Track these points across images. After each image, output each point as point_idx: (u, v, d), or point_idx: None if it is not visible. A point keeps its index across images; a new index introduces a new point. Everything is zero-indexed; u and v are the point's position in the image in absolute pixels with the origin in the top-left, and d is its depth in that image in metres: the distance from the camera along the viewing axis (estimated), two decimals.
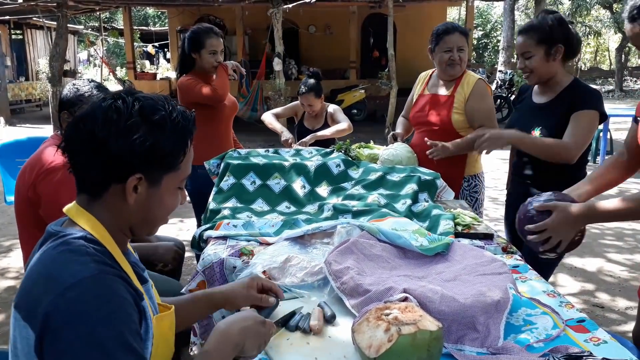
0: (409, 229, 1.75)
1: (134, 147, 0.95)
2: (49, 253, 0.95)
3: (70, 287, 0.87)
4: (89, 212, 1.01)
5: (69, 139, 1.00)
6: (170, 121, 0.99)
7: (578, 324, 1.36)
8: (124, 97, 0.98)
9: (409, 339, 1.09)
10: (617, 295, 3.45)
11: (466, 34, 2.69)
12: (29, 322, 0.89)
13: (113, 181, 0.98)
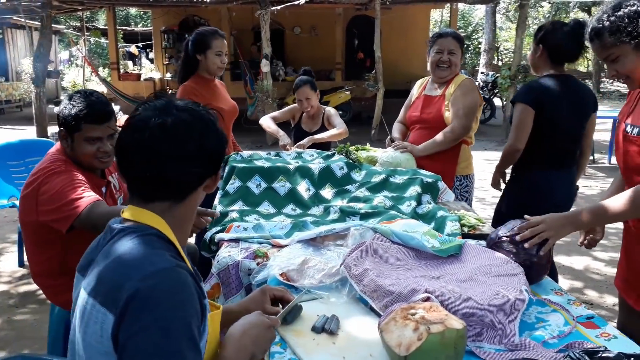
0: (419, 230, 1.80)
1: (223, 144, 1.15)
2: (125, 245, 1.01)
3: (151, 275, 0.94)
4: (149, 210, 1.07)
5: (153, 152, 1.04)
6: (219, 132, 1.15)
7: (588, 321, 1.43)
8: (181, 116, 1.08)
9: (438, 337, 1.13)
10: (604, 292, 3.57)
11: (459, 39, 2.81)
12: (108, 306, 0.94)
13: (207, 178, 1.13)
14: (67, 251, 1.94)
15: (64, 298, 2.03)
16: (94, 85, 15.08)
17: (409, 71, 13.89)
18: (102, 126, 1.90)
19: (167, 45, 14.89)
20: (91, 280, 1.00)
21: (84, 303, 1.00)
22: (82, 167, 1.96)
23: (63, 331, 2.16)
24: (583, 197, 6.05)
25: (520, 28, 9.94)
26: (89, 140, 1.89)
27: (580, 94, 2.56)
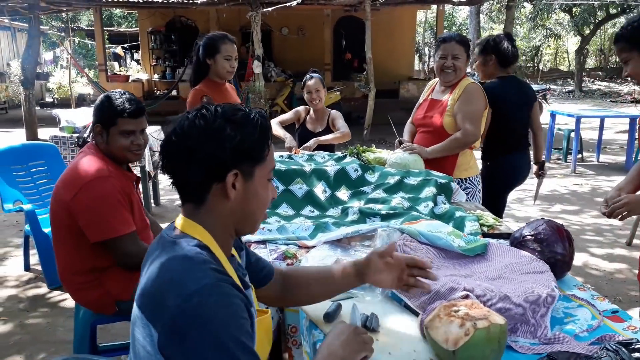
0: (443, 230, 1.86)
1: (225, 145, 1.04)
2: (169, 260, 1.03)
3: (194, 293, 0.95)
4: (196, 222, 1.09)
5: (166, 156, 1.08)
6: (250, 119, 1.09)
7: (613, 315, 1.51)
8: (206, 107, 1.09)
9: (484, 332, 1.20)
10: (604, 287, 3.68)
11: (464, 43, 2.84)
12: (153, 323, 0.97)
13: (214, 182, 1.07)
14: (96, 252, 2.02)
15: (88, 296, 2.09)
16: (80, 87, 14.91)
17: (396, 72, 14.03)
18: (136, 120, 2.06)
19: (154, 46, 14.80)
20: (139, 291, 1.04)
21: (135, 312, 1.03)
22: (115, 161, 2.09)
23: (89, 333, 2.19)
24: (575, 195, 6.21)
25: (507, 29, 10.11)
26: (124, 133, 2.04)
27: (523, 89, 3.22)
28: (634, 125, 7.62)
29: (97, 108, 2.07)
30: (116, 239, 1.97)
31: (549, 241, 1.67)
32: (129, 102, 2.05)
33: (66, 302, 3.39)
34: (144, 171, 5.00)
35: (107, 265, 2.06)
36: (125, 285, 2.08)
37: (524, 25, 25.25)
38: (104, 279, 2.06)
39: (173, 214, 5.43)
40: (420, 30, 22.34)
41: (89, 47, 20.83)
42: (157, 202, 5.73)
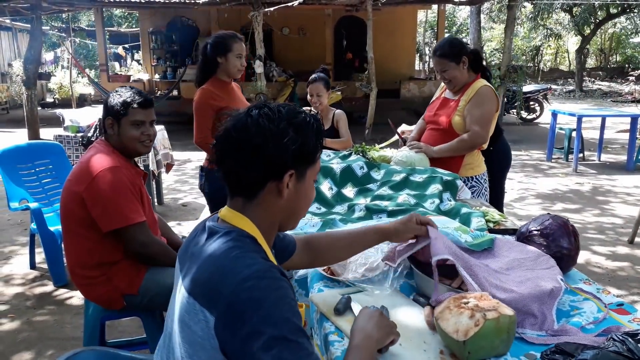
0: (450, 226, 1.88)
1: (287, 147, 1.09)
2: (221, 249, 1.06)
3: (247, 278, 0.99)
4: (244, 215, 1.14)
5: (224, 150, 1.12)
6: (307, 122, 1.14)
7: (618, 308, 1.53)
8: (268, 106, 1.13)
9: (494, 323, 1.22)
10: (607, 284, 3.70)
11: (445, 55, 2.81)
12: (208, 308, 1.00)
13: (270, 179, 1.12)
14: (105, 246, 2.07)
15: (97, 291, 2.12)
16: (81, 87, 14.94)
17: (397, 71, 14.06)
18: (146, 111, 2.15)
19: (155, 46, 14.84)
20: (190, 279, 1.07)
21: (184, 299, 1.06)
22: (125, 155, 2.16)
23: (99, 330, 2.21)
24: (577, 194, 6.23)
25: (509, 29, 10.13)
26: (135, 124, 2.13)
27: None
28: (635, 124, 7.66)
29: (107, 102, 2.15)
30: (129, 228, 2.02)
31: (555, 236, 1.69)
32: (139, 93, 2.16)
33: (73, 299, 3.42)
34: (148, 170, 5.02)
35: (116, 260, 2.09)
36: (132, 280, 2.11)
37: (525, 25, 25.27)
38: (112, 274, 2.09)
39: (177, 213, 5.46)
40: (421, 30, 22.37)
41: (90, 47, 20.88)
42: (160, 201, 5.75)
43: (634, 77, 22.26)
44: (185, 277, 1.10)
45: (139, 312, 2.22)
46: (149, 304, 2.15)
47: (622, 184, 6.75)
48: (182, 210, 5.56)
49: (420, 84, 13.31)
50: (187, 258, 1.15)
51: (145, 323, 2.24)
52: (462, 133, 2.83)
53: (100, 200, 2.00)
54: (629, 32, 23.77)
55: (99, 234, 2.04)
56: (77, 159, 4.89)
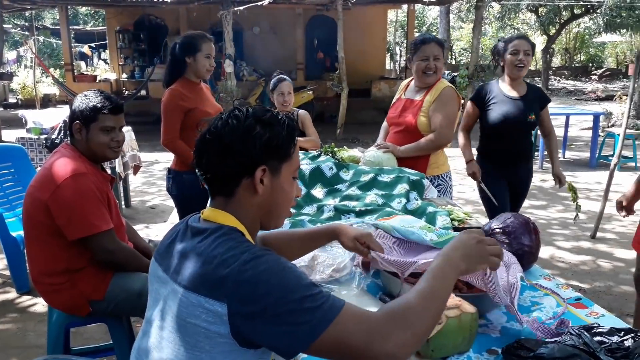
0: (416, 225, 1.91)
1: (255, 142, 1.13)
2: (214, 243, 1.09)
3: (247, 260, 1.03)
4: (227, 212, 1.17)
5: (201, 152, 1.17)
6: (277, 119, 1.18)
7: (577, 302, 1.58)
8: (238, 107, 1.20)
9: (456, 321, 1.25)
10: (570, 279, 3.82)
11: (442, 45, 2.90)
12: (216, 297, 1.02)
13: (243, 176, 1.15)
14: (70, 252, 2.02)
15: (61, 298, 2.08)
16: (45, 87, 14.55)
17: (368, 71, 14.13)
18: (117, 117, 2.10)
19: (123, 45, 14.55)
20: (187, 276, 1.07)
21: (181, 297, 1.07)
22: (92, 160, 2.11)
23: (63, 336, 2.17)
24: (541, 191, 6.39)
25: (477, 28, 10.31)
26: (105, 129, 2.07)
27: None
28: (597, 122, 7.89)
29: (76, 105, 2.07)
30: (96, 236, 1.98)
31: (517, 234, 1.74)
32: (109, 99, 2.10)
33: (36, 306, 3.33)
34: (115, 172, 4.93)
35: (81, 266, 2.05)
36: (98, 285, 2.07)
37: (493, 25, 25.73)
38: (77, 280, 2.05)
39: (145, 216, 5.38)
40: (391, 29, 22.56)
41: (54, 46, 20.35)
42: (127, 204, 5.66)
43: (597, 76, 22.93)
44: (175, 276, 1.11)
45: (105, 318, 2.18)
46: (115, 309, 2.12)
47: (585, 180, 6.95)
48: (151, 213, 5.48)
49: (391, 84, 13.41)
50: (170, 258, 1.16)
51: (112, 329, 2.20)
52: (427, 133, 2.87)
53: (65, 208, 1.95)
54: (592, 32, 24.43)
55: (64, 241, 1.99)
56: (41, 162, 4.77)
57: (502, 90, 3.18)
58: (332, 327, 0.98)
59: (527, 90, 3.18)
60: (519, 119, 3.11)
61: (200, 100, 3.00)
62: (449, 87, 2.91)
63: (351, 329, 0.99)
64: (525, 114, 3.12)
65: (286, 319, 0.98)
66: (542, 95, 3.29)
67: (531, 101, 3.15)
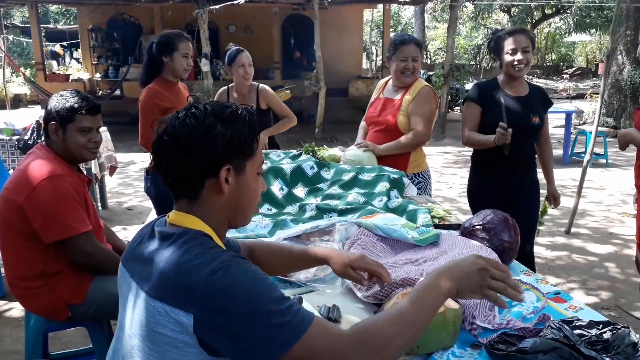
0: (398, 223, 1.93)
1: (216, 141, 1.08)
2: (180, 249, 1.05)
3: (215, 269, 0.99)
4: (192, 214, 1.12)
5: (158, 154, 1.11)
6: (238, 115, 1.13)
7: (556, 296, 1.62)
8: (195, 105, 1.13)
9: (440, 317, 1.26)
10: (547, 273, 3.90)
11: (420, 46, 2.95)
12: (183, 307, 0.98)
13: (207, 177, 1.10)
14: (47, 255, 1.98)
15: (39, 302, 2.04)
16: (15, 87, 14.21)
17: (344, 70, 14.16)
18: (94, 117, 2.06)
19: (96, 44, 14.28)
20: (151, 284, 1.04)
21: (147, 305, 1.03)
22: (68, 161, 2.07)
23: (41, 342, 2.12)
24: None
25: (451, 28, 10.44)
26: (82, 130, 2.03)
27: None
28: (569, 120, 8.06)
29: (51, 106, 2.03)
30: (73, 238, 1.94)
31: (496, 230, 1.77)
32: (86, 99, 2.06)
33: (12, 311, 3.25)
34: (91, 173, 4.84)
35: (59, 270, 2.00)
36: (77, 289, 2.04)
37: (467, 25, 26.08)
38: (55, 284, 2.01)
39: (122, 217, 5.30)
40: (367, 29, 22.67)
41: (24, 45, 19.87)
42: (104, 205, 5.57)
43: (568, 75, 23.43)
44: (141, 283, 1.07)
45: (85, 322, 2.14)
46: (95, 313, 2.08)
47: (559, 177, 7.06)
48: (128, 214, 5.40)
49: (367, 83, 13.47)
50: (136, 263, 1.12)
51: (92, 333, 2.16)
52: (406, 132, 2.91)
53: (41, 211, 1.91)
54: (562, 32, 25.00)
55: (40, 244, 1.95)
56: (14, 164, 4.66)
57: (503, 89, 2.76)
58: (298, 345, 0.96)
59: (529, 90, 2.80)
60: (522, 121, 2.68)
61: (178, 100, 2.97)
62: (427, 86, 2.95)
63: (318, 348, 0.97)
64: (528, 116, 2.72)
65: (252, 334, 0.96)
66: (545, 96, 2.88)
67: (534, 102, 2.78)
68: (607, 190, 6.49)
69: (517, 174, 2.80)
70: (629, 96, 10.57)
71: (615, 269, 4.04)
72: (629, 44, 10.46)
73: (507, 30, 2.73)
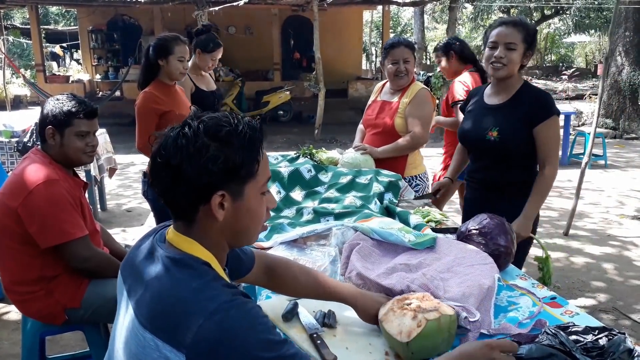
0: (394, 227, 1.93)
1: (208, 166, 0.98)
2: (177, 278, 1.00)
3: (215, 311, 0.94)
4: (191, 238, 1.06)
5: (153, 173, 1.04)
6: (237, 134, 1.01)
7: (552, 301, 1.62)
8: (189, 122, 1.02)
9: (435, 323, 1.26)
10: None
11: (412, 47, 2.95)
12: (175, 346, 0.94)
13: (199, 204, 1.02)
14: (44, 260, 1.98)
15: (36, 307, 2.04)
16: (16, 88, 14.21)
17: (344, 71, 14.19)
18: (91, 121, 2.07)
19: (96, 45, 14.30)
20: (143, 308, 1.00)
21: (135, 329, 0.99)
22: (65, 165, 2.07)
23: (38, 346, 2.12)
24: None
25: (450, 29, 10.45)
26: (79, 134, 2.04)
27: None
28: (568, 121, 8.07)
29: (48, 110, 2.02)
30: (70, 243, 1.94)
31: (493, 234, 1.77)
32: (84, 103, 2.06)
33: (10, 314, 3.25)
34: (90, 176, 4.84)
35: (56, 274, 2.01)
36: (74, 293, 2.04)
37: (466, 26, 26.09)
38: (52, 288, 2.01)
39: (121, 219, 5.30)
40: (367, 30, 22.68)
41: (25, 46, 19.88)
42: (103, 207, 5.57)
43: (567, 76, 23.44)
44: (133, 299, 1.03)
45: (82, 325, 2.14)
46: (92, 317, 2.08)
47: (558, 178, 7.07)
48: (127, 216, 5.40)
49: (367, 84, 13.48)
50: (133, 275, 1.08)
51: (89, 337, 2.16)
52: (404, 134, 2.91)
53: (37, 216, 1.90)
54: (562, 33, 25.03)
55: (37, 249, 1.95)
56: (13, 166, 4.66)
57: (485, 94, 2.38)
58: None
59: (514, 95, 2.24)
60: (477, 135, 2.31)
61: (175, 103, 2.97)
62: (424, 88, 2.97)
63: None
64: (484, 130, 2.26)
65: None
66: (539, 104, 2.19)
67: (509, 113, 2.23)
68: (605, 192, 6.49)
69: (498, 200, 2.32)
70: (628, 97, 10.57)
71: (614, 271, 4.04)
72: (628, 45, 10.46)
73: (499, 21, 2.28)
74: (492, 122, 2.26)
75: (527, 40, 2.17)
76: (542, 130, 2.19)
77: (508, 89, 2.27)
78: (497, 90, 2.32)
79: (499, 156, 2.28)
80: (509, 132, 2.22)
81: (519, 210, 2.24)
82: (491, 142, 2.24)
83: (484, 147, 2.30)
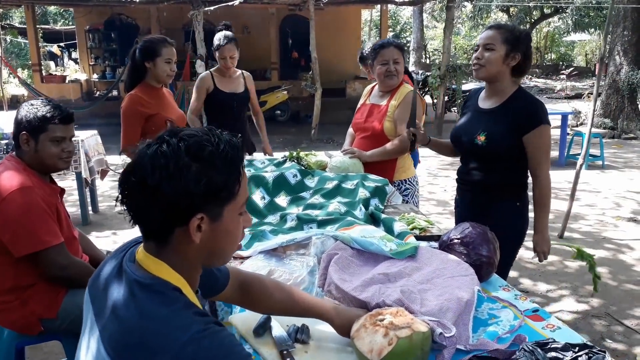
0: (376, 235, 1.89)
1: (189, 188, 0.94)
2: (145, 306, 0.95)
3: (187, 342, 0.90)
4: (162, 260, 1.01)
5: (124, 190, 0.98)
6: (219, 154, 0.97)
7: (534, 314, 1.57)
8: (167, 139, 0.97)
9: (407, 341, 1.22)
10: (537, 280, 3.86)
11: (401, 48, 2.92)
12: None
13: (176, 225, 0.97)
14: (18, 269, 1.94)
15: (11, 317, 2.00)
16: (13, 88, 14.18)
17: (342, 70, 14.13)
18: (67, 127, 2.02)
19: (93, 45, 14.26)
20: (109, 335, 0.95)
21: (103, 356, 0.95)
22: (40, 171, 2.03)
23: (14, 356, 2.09)
24: None
25: (448, 29, 10.39)
26: (54, 140, 1.99)
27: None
28: (565, 121, 8.02)
29: (22, 115, 1.97)
30: (45, 251, 1.90)
31: (475, 244, 1.73)
32: (59, 108, 2.01)
33: None
34: (80, 178, 4.81)
35: (30, 283, 1.96)
36: (49, 303, 2.00)
37: (465, 24, 26.04)
38: (27, 298, 1.97)
39: (113, 222, 5.27)
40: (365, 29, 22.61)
41: (23, 45, 19.85)
42: (95, 209, 5.53)
43: (566, 75, 23.38)
44: (100, 323, 0.99)
45: (60, 336, 2.10)
46: (70, 327, 2.04)
47: (554, 179, 6.97)
48: (119, 219, 5.36)
49: (365, 83, 13.37)
50: (100, 297, 1.03)
51: (67, 347, 2.12)
52: (393, 138, 2.87)
53: (10, 224, 1.86)
54: (561, 32, 24.96)
55: (11, 257, 1.91)
56: None
57: (480, 97, 2.38)
58: None
59: (505, 101, 2.23)
60: (467, 138, 2.32)
61: (162, 106, 2.94)
62: (412, 91, 2.91)
63: None
64: (473, 133, 2.27)
65: None
66: (528, 113, 2.17)
67: (501, 118, 2.21)
68: (602, 193, 6.45)
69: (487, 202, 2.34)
70: (626, 97, 10.52)
71: (608, 274, 4.00)
72: (626, 45, 10.40)
73: (486, 26, 2.34)
74: (481, 126, 2.28)
75: (508, 41, 2.16)
76: (531, 140, 2.19)
77: (500, 94, 2.27)
78: (490, 94, 2.32)
79: (486, 160, 2.31)
80: (496, 138, 2.22)
81: (507, 212, 2.34)
82: (479, 146, 2.26)
83: (472, 150, 2.32)
